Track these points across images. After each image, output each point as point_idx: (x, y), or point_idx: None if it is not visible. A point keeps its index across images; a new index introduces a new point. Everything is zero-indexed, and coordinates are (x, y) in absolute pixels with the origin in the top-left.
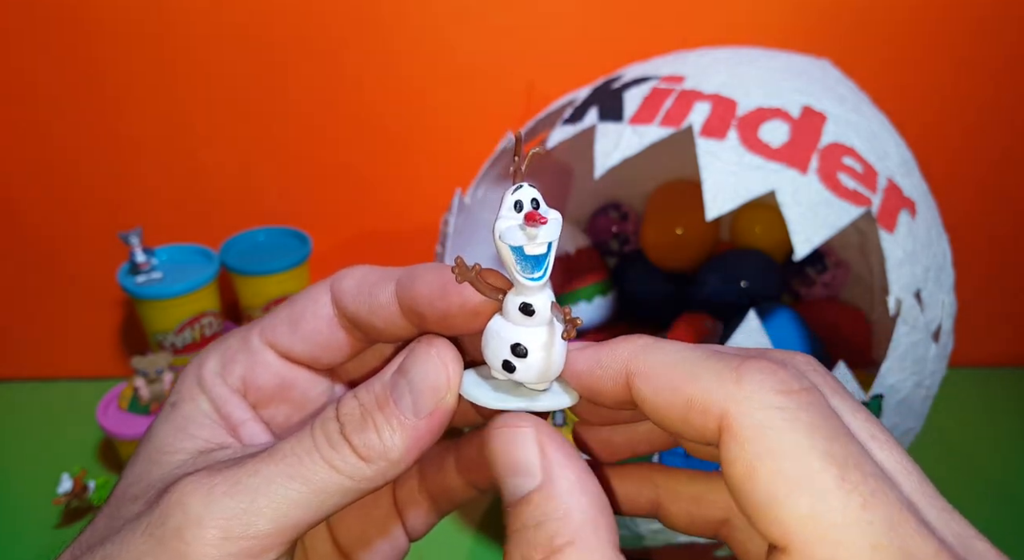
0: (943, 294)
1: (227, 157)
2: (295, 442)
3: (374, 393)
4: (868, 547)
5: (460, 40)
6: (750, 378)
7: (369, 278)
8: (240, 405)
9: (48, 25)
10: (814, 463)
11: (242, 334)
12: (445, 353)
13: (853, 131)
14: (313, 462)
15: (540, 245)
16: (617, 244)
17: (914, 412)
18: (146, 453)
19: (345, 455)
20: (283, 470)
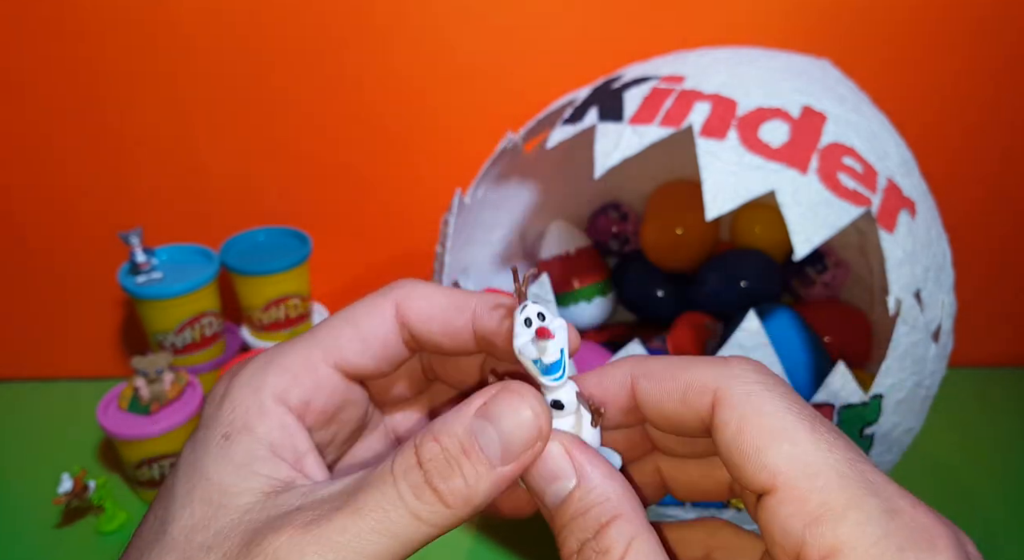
0: (943, 294)
1: (227, 157)
2: (379, 494)
3: (458, 438)
4: (836, 476)
5: (460, 40)
6: (736, 363)
7: (439, 301)
8: (303, 435)
9: (48, 25)
10: (790, 419)
11: (303, 353)
12: (537, 405)
13: (853, 131)
14: (400, 515)
15: (552, 354)
16: (617, 244)
17: (914, 412)
18: (205, 493)
19: (430, 503)
20: (371, 526)
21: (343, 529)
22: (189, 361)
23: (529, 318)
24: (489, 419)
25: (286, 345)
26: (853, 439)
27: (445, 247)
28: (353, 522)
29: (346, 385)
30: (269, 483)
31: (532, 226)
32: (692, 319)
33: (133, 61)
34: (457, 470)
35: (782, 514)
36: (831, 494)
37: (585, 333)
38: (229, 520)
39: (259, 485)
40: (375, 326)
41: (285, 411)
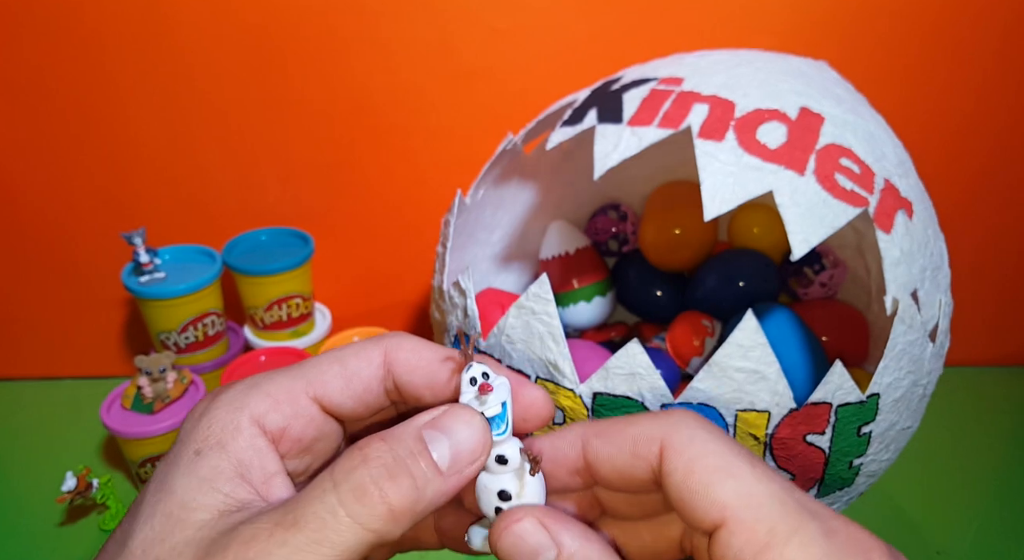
0: (940, 294)
1: (230, 158)
2: (317, 504)
3: (409, 442)
4: (778, 504)
5: (461, 43)
6: (678, 414)
7: (425, 354)
8: (273, 457)
9: (51, 26)
10: (730, 457)
11: (287, 382)
12: (482, 422)
13: (850, 132)
14: (338, 523)
15: (494, 407)
16: (616, 244)
17: (911, 410)
18: (167, 508)
19: (372, 506)
20: (309, 537)
21: (282, 543)
22: (192, 360)
23: (474, 377)
24: (440, 430)
25: (272, 373)
26: (850, 437)
27: (446, 247)
28: (292, 535)
29: (324, 419)
30: (226, 502)
31: (532, 226)
32: (691, 319)
33: (136, 62)
34: (406, 470)
35: (734, 546)
36: (775, 521)
37: (585, 333)
38: (184, 536)
39: (216, 502)
40: (361, 368)
41: (259, 433)
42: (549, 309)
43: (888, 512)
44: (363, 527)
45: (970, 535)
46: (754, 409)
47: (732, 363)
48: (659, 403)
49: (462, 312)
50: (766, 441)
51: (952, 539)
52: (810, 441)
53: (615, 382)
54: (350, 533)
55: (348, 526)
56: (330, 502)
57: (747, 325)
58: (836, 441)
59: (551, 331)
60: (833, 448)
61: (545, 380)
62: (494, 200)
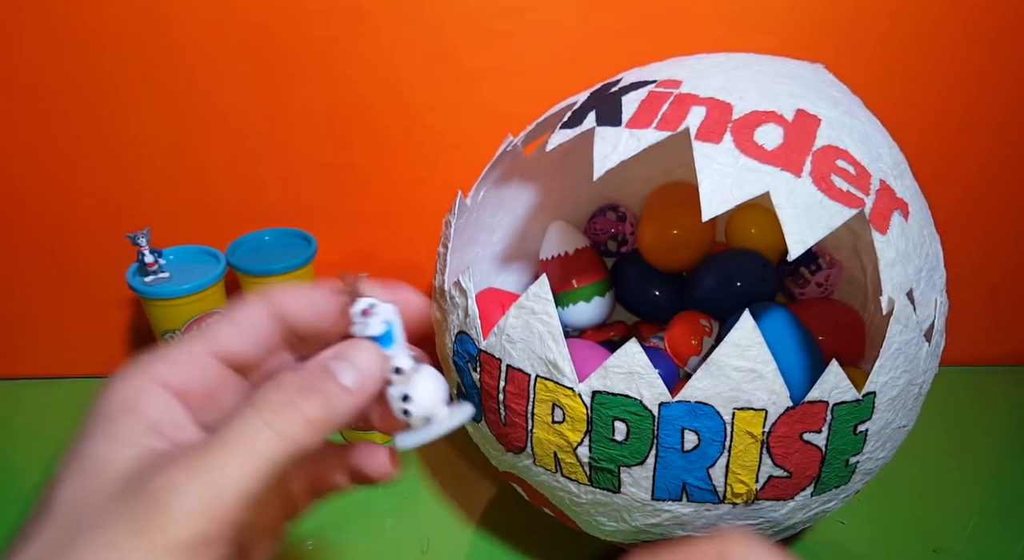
0: (935, 293)
1: (234, 160)
2: (242, 423)
3: (316, 371)
4: None
5: (462, 45)
6: (734, 532)
7: (310, 292)
8: (184, 413)
9: (54, 27)
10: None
11: (185, 347)
12: (377, 350)
13: (847, 134)
14: (263, 437)
15: (379, 327)
16: (615, 245)
17: (907, 409)
18: (84, 465)
19: (291, 421)
20: (238, 451)
21: (211, 461)
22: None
23: (361, 308)
24: (341, 359)
25: (171, 344)
26: (847, 436)
27: (447, 247)
28: (222, 453)
29: (227, 373)
30: (143, 453)
31: (532, 227)
32: (689, 318)
33: (139, 63)
34: (318, 390)
35: None
36: None
37: (584, 333)
38: (107, 480)
39: (133, 454)
40: (252, 322)
41: (167, 394)
42: (549, 309)
43: (884, 510)
44: (284, 437)
45: (966, 533)
46: (751, 408)
47: (729, 362)
48: (657, 402)
49: (463, 312)
50: (763, 439)
51: (949, 537)
52: (807, 439)
53: (614, 381)
54: (273, 443)
55: (269, 437)
56: (253, 421)
57: (744, 325)
58: (832, 439)
59: (551, 331)
60: (829, 446)
61: (545, 379)
62: (494, 201)
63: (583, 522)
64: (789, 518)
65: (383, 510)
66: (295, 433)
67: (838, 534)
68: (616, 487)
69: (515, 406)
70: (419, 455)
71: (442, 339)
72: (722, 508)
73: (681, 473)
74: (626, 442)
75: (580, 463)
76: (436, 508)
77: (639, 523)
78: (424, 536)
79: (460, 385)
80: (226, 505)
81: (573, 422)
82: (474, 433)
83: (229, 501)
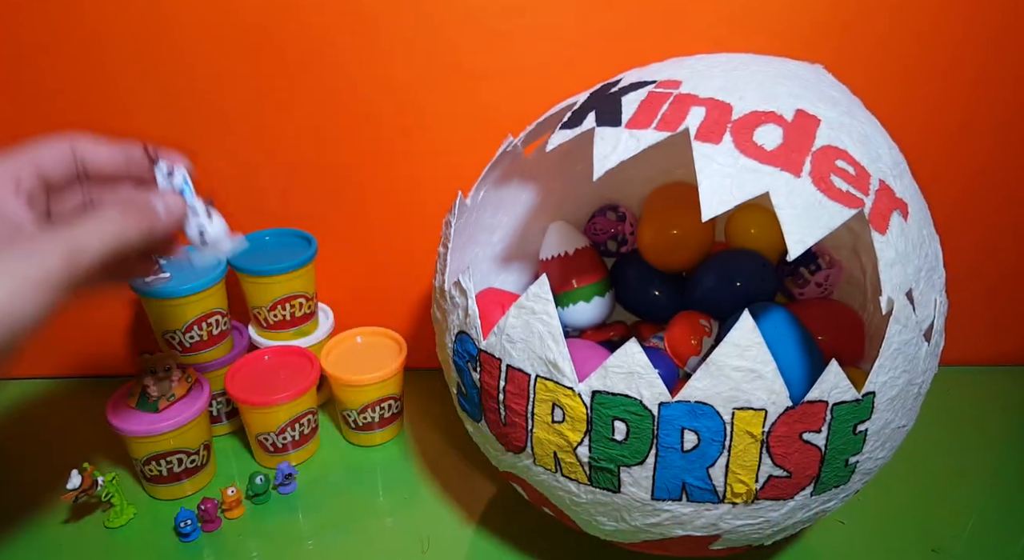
0: (934, 293)
1: (234, 161)
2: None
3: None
4: None
5: (462, 46)
6: None
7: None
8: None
9: (53, 29)
10: None
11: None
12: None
13: (846, 134)
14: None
15: (179, 182)
16: (615, 245)
17: (906, 409)
18: None
19: (134, 219)
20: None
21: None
22: (197, 359)
23: (163, 170)
24: (155, 197)
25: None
26: (846, 436)
27: (447, 247)
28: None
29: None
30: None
31: (532, 227)
32: (688, 318)
33: (140, 63)
34: (147, 211)
35: None
36: None
37: (584, 333)
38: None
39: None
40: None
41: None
42: (549, 309)
43: (884, 510)
44: (128, 228)
45: (966, 532)
46: (751, 407)
47: (729, 362)
48: (657, 402)
49: (463, 311)
50: (763, 439)
51: (948, 536)
52: (806, 439)
53: (614, 381)
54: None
55: (122, 224)
56: (111, 212)
57: (744, 324)
58: (832, 439)
59: (551, 330)
60: (829, 446)
61: (545, 379)
62: (494, 201)
63: (583, 522)
64: (789, 518)
65: (383, 510)
66: (134, 226)
67: (838, 534)
68: (616, 487)
69: (515, 406)
70: (419, 455)
71: (442, 339)
72: (722, 508)
73: (681, 473)
74: (626, 442)
75: (580, 463)
76: (436, 508)
77: (639, 523)
78: (424, 536)
79: (460, 385)
80: (89, 258)
81: (573, 422)
82: (474, 433)
83: (88, 257)
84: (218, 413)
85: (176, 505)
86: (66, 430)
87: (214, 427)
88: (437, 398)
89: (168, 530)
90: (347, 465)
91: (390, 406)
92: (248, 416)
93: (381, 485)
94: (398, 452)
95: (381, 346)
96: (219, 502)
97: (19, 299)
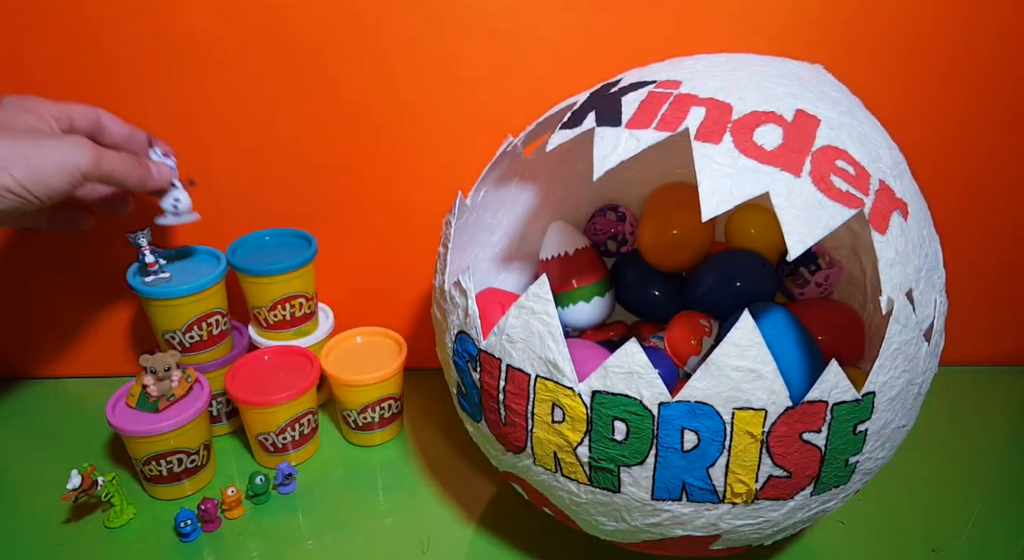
0: (935, 293)
1: (235, 160)
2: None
3: (146, 161)
4: None
5: (462, 45)
6: None
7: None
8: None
9: (56, 28)
10: None
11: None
12: (169, 168)
13: (846, 134)
14: (81, 152)
15: (171, 162)
16: (615, 245)
17: (906, 409)
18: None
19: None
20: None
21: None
22: (197, 359)
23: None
24: (155, 166)
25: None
26: (846, 436)
27: (447, 247)
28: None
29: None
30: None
31: (532, 227)
32: (688, 318)
33: (141, 65)
34: (140, 168)
35: None
36: None
37: (584, 333)
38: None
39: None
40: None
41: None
42: (548, 309)
43: (884, 510)
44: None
45: (966, 533)
46: (751, 407)
47: (729, 362)
48: (657, 402)
49: (463, 311)
50: (763, 439)
51: (948, 537)
52: (806, 439)
53: (614, 381)
54: (119, 162)
55: (117, 158)
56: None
57: (744, 324)
58: (832, 439)
59: (550, 330)
60: (829, 446)
61: (545, 379)
62: (494, 201)
63: (583, 522)
64: (789, 518)
65: (383, 510)
66: (136, 173)
67: (838, 534)
68: (616, 487)
69: (515, 406)
70: (419, 455)
71: (442, 339)
72: (722, 508)
73: (681, 473)
74: (626, 442)
75: (580, 463)
76: (436, 508)
77: (639, 523)
78: (424, 536)
79: (460, 385)
80: (107, 168)
81: (573, 422)
82: (474, 433)
83: (107, 167)
84: (218, 413)
85: (176, 505)
86: (66, 430)
87: (214, 427)
88: (437, 398)
89: (168, 530)
90: (347, 465)
91: (390, 406)
92: (248, 416)
93: (381, 485)
94: (398, 452)
95: (381, 346)
96: (219, 502)
97: (54, 176)
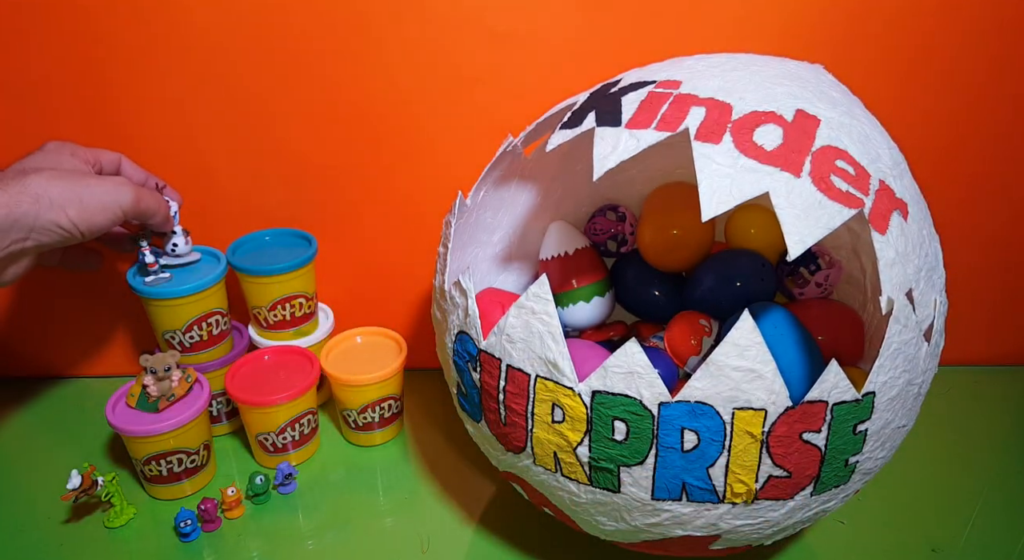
0: (934, 293)
1: (234, 161)
2: (121, 181)
3: (163, 200)
4: None
5: (462, 46)
6: None
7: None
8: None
9: (55, 28)
10: None
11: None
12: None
13: (846, 134)
14: (130, 192)
15: (175, 208)
16: (615, 245)
17: (906, 409)
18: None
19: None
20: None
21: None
22: (197, 359)
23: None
24: (170, 206)
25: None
26: (846, 436)
27: (447, 247)
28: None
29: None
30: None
31: (532, 227)
32: (688, 318)
33: (141, 65)
34: (159, 204)
35: None
36: None
37: (584, 332)
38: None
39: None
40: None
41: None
42: (548, 309)
43: (884, 510)
44: (139, 201)
45: (965, 533)
46: (751, 407)
47: (729, 362)
48: (657, 402)
49: (463, 311)
50: (763, 439)
51: (947, 537)
52: (806, 439)
53: (614, 381)
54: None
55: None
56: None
57: (744, 324)
58: (832, 439)
59: (550, 330)
60: (829, 446)
61: (545, 379)
62: (494, 201)
63: (583, 522)
64: (789, 518)
65: (383, 510)
66: (154, 204)
67: (838, 534)
68: (616, 487)
69: (515, 406)
70: (419, 455)
71: (442, 339)
72: (722, 508)
73: (681, 473)
74: (626, 442)
75: (580, 463)
76: (436, 508)
77: (639, 523)
78: (424, 536)
79: (460, 385)
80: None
81: (573, 422)
82: (474, 433)
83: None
84: (218, 413)
85: (176, 505)
86: (66, 430)
87: (214, 427)
88: (437, 398)
89: (168, 530)
90: (347, 465)
91: (390, 406)
92: (248, 416)
93: (381, 485)
94: (398, 452)
95: (381, 346)
96: (219, 502)
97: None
